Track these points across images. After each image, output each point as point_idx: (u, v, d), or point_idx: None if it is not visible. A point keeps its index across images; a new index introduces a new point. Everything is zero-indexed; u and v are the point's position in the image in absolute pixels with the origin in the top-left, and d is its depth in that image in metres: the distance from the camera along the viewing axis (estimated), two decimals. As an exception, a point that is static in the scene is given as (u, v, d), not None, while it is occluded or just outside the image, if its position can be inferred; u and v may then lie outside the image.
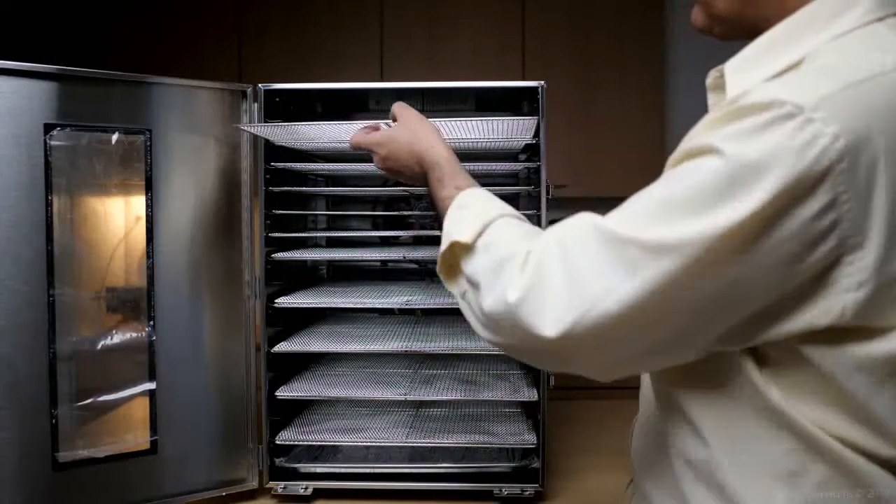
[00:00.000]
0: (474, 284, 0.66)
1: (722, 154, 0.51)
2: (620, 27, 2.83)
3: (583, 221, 0.59)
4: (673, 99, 2.98)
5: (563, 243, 0.58)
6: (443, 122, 1.01)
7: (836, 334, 0.52)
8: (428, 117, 0.94)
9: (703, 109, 0.67)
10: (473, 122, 1.04)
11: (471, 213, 0.71)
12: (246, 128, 1.13)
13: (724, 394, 0.58)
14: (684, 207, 0.52)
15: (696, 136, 0.56)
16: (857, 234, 0.49)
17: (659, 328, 0.55)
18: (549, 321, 0.56)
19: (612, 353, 0.58)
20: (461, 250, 0.68)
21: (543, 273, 0.58)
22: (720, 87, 0.65)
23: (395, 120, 0.91)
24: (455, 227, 0.70)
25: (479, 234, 0.67)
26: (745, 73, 0.60)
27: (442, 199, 0.77)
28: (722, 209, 0.50)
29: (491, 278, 0.63)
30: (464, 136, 1.12)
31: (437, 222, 1.56)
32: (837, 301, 0.50)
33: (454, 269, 0.70)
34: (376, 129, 0.93)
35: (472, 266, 0.67)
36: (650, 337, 0.55)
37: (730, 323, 0.54)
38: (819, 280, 0.51)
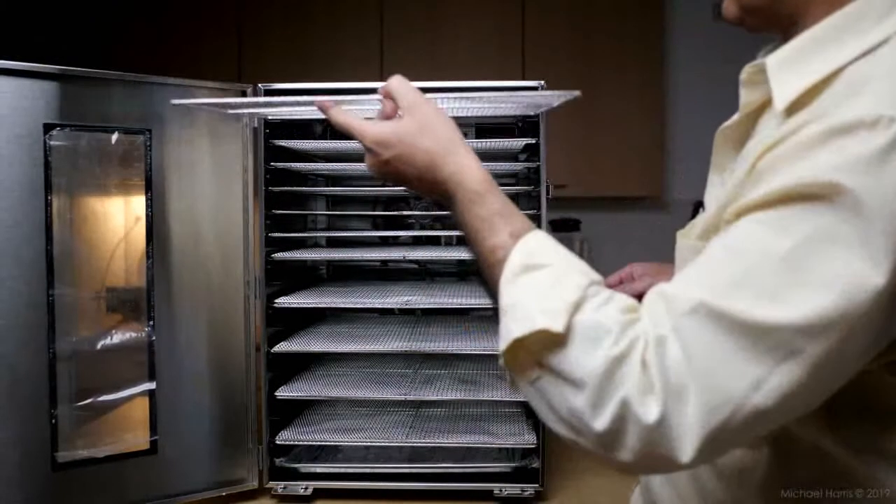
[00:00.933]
0: (568, 380, 0.51)
1: (849, 191, 0.44)
2: (620, 27, 2.83)
3: (693, 304, 0.48)
4: (673, 99, 2.98)
5: (681, 335, 0.48)
6: (450, 99, 0.91)
7: None
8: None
9: (703, 109, 0.67)
10: (483, 98, 0.93)
11: (549, 282, 0.54)
12: (186, 102, 1.02)
13: (798, 442, 0.56)
14: (823, 266, 0.45)
15: (780, 166, 0.48)
16: None
17: (807, 401, 0.49)
18: (689, 441, 0.47)
19: (744, 443, 0.53)
20: (545, 336, 0.52)
21: (671, 379, 0.47)
22: (757, 83, 0.60)
23: (387, 97, 0.69)
24: (532, 304, 0.53)
25: (571, 316, 0.51)
26: (790, 72, 0.55)
27: (492, 249, 0.59)
28: (873, 260, 0.44)
29: (602, 382, 0.49)
30: (472, 111, 1.07)
31: (439, 222, 1.56)
32: None
33: (526, 354, 0.54)
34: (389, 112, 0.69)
35: (567, 360, 0.51)
36: (793, 413, 0.49)
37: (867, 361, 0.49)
38: None
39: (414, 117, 0.65)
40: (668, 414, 0.47)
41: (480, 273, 0.62)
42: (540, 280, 0.55)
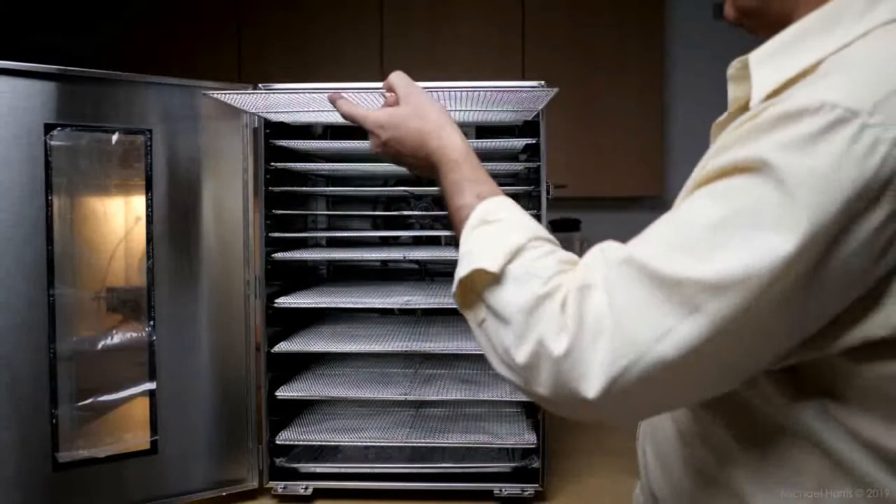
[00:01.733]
0: (501, 318, 0.57)
1: (776, 168, 0.46)
2: (621, 27, 2.83)
3: (624, 257, 0.52)
4: (673, 99, 2.98)
5: (608, 283, 0.52)
6: (443, 92, 0.96)
7: (882, 347, 0.50)
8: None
9: (703, 109, 0.67)
10: (476, 91, 0.99)
11: (497, 233, 0.62)
12: (215, 95, 1.07)
13: (751, 410, 0.56)
14: (741, 233, 0.47)
15: (735, 144, 0.51)
16: None
17: (717, 367, 0.51)
18: (594, 378, 0.50)
19: (658, 400, 0.54)
20: (485, 277, 0.59)
21: (587, 320, 0.51)
22: (743, 78, 0.61)
23: (389, 91, 0.79)
24: (479, 250, 0.61)
25: (508, 262, 0.58)
26: (770, 66, 0.57)
27: (458, 208, 0.67)
28: (785, 231, 0.46)
29: (525, 318, 0.55)
30: (466, 108, 1.10)
31: (439, 222, 1.56)
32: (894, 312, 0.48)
33: (472, 294, 0.61)
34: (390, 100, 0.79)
35: (500, 298, 0.58)
36: (705, 377, 0.51)
37: (791, 345, 0.51)
38: (878, 291, 0.48)
39: (408, 104, 0.75)
40: (575, 349, 0.51)
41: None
42: (490, 232, 0.62)
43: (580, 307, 0.52)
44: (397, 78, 0.78)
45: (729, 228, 0.48)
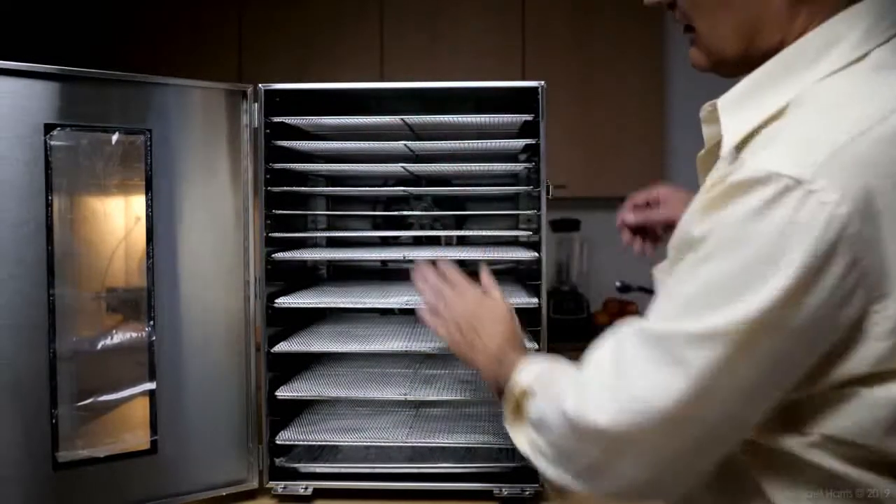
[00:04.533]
0: (538, 427, 0.67)
1: (738, 239, 0.52)
2: (621, 27, 2.83)
3: (629, 327, 0.60)
4: (673, 99, 2.98)
5: (613, 348, 0.61)
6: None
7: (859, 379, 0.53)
8: (427, 117, 0.90)
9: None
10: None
11: (529, 367, 0.76)
12: (290, 120, 1.17)
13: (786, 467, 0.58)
14: (717, 297, 0.53)
15: (698, 216, 0.57)
16: (880, 284, 0.51)
17: (711, 418, 0.54)
18: (600, 412, 0.57)
19: (667, 451, 0.57)
20: (523, 398, 0.72)
21: (593, 374, 0.61)
22: (713, 120, 0.66)
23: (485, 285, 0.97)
24: (515, 378, 0.76)
25: (536, 378, 0.72)
26: (736, 113, 0.61)
27: (511, 366, 0.80)
28: (752, 294, 0.51)
29: (549, 403, 0.66)
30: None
31: (439, 222, 1.55)
32: (872, 349, 0.52)
33: (520, 420, 0.73)
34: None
35: (536, 407, 0.69)
36: (703, 429, 0.55)
37: (779, 395, 0.54)
38: (852, 333, 0.52)
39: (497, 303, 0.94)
40: (580, 393, 0.60)
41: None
42: (523, 367, 0.77)
43: (589, 369, 0.62)
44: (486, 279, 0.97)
45: (707, 294, 0.54)
